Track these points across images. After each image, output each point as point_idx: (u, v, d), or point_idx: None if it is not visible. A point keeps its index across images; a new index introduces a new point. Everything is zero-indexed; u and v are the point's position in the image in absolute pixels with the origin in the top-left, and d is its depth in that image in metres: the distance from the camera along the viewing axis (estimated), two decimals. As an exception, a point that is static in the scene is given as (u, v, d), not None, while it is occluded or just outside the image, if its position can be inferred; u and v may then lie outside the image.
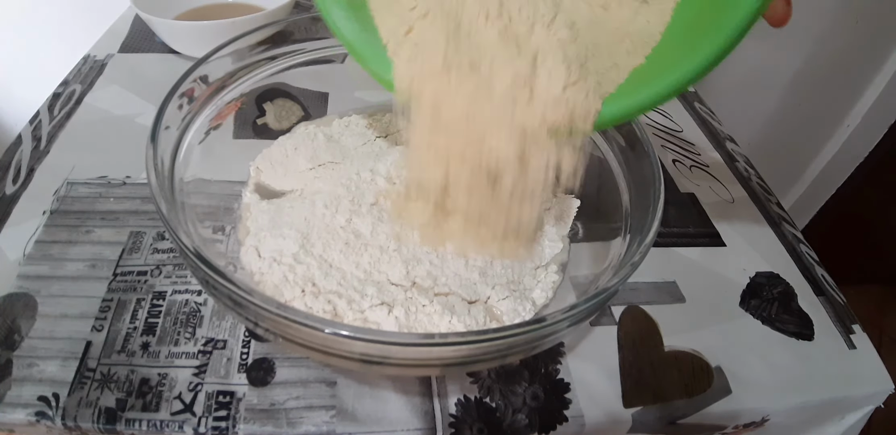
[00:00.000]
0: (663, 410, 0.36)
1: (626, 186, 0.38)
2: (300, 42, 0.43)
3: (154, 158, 0.31)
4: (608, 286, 0.29)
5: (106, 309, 0.37)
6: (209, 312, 0.38)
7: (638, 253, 0.30)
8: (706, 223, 0.49)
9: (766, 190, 0.54)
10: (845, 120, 1.12)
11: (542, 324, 0.26)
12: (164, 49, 0.60)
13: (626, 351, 0.39)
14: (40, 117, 0.51)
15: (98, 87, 0.55)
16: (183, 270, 0.40)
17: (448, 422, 0.34)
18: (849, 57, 1.01)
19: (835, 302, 0.44)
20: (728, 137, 0.59)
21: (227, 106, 0.40)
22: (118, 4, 0.65)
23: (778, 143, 1.13)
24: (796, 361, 0.40)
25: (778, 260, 0.47)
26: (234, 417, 0.33)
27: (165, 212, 0.28)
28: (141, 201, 0.44)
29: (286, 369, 0.35)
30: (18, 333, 0.35)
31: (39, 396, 0.33)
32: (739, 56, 0.97)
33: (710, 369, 0.38)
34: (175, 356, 0.35)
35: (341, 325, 0.26)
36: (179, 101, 0.35)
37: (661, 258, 0.45)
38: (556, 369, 0.37)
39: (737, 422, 0.38)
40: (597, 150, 0.41)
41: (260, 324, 0.28)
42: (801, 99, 1.08)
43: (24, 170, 0.46)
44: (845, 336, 0.42)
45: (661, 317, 0.41)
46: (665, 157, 0.55)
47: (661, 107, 0.61)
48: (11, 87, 0.91)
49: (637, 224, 0.34)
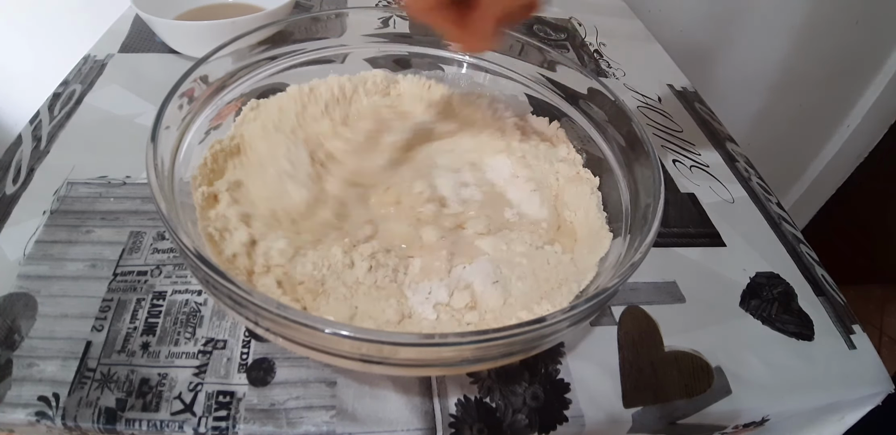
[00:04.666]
0: (663, 410, 0.36)
1: (626, 186, 0.38)
2: (300, 42, 0.43)
3: (154, 158, 0.31)
4: (608, 286, 0.29)
5: (106, 309, 0.37)
6: (209, 312, 0.38)
7: (638, 253, 0.30)
8: (706, 223, 0.49)
9: (766, 190, 0.54)
10: (845, 120, 1.12)
11: (542, 324, 0.26)
12: (164, 49, 0.60)
13: (626, 351, 0.39)
14: (40, 117, 0.51)
15: (98, 87, 0.55)
16: (183, 269, 0.40)
17: (448, 422, 0.34)
18: (849, 57, 1.01)
19: (835, 302, 0.44)
20: (728, 137, 0.59)
21: (227, 106, 0.40)
22: (118, 4, 0.65)
23: (778, 143, 1.13)
24: (796, 361, 0.40)
25: (778, 260, 0.47)
26: (234, 417, 0.33)
27: (165, 212, 0.28)
28: (141, 201, 0.44)
29: (286, 369, 0.35)
30: (18, 333, 0.35)
31: (39, 396, 0.33)
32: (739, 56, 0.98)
33: (710, 369, 0.38)
34: (175, 356, 0.35)
35: (341, 325, 0.26)
36: (179, 101, 0.35)
37: (661, 258, 0.45)
38: (556, 369, 0.37)
39: (737, 422, 0.38)
40: (597, 151, 0.41)
41: (260, 324, 0.28)
42: (801, 99, 1.08)
43: (25, 170, 0.46)
44: (845, 336, 0.42)
45: (661, 317, 0.41)
46: (665, 157, 0.55)
47: (661, 107, 0.61)
48: (11, 87, 0.91)
49: (637, 224, 0.34)
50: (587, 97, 0.42)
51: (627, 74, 0.66)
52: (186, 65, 0.36)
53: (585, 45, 0.70)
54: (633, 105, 0.61)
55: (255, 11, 0.57)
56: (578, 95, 0.42)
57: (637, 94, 0.63)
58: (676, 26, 0.91)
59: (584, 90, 0.42)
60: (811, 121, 1.12)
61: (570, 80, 0.43)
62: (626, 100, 0.53)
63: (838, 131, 1.14)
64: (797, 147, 1.18)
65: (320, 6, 0.72)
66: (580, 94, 0.42)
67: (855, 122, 1.10)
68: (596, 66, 0.66)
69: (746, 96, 1.06)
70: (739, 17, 0.93)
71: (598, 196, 0.40)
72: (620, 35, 0.73)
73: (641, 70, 0.67)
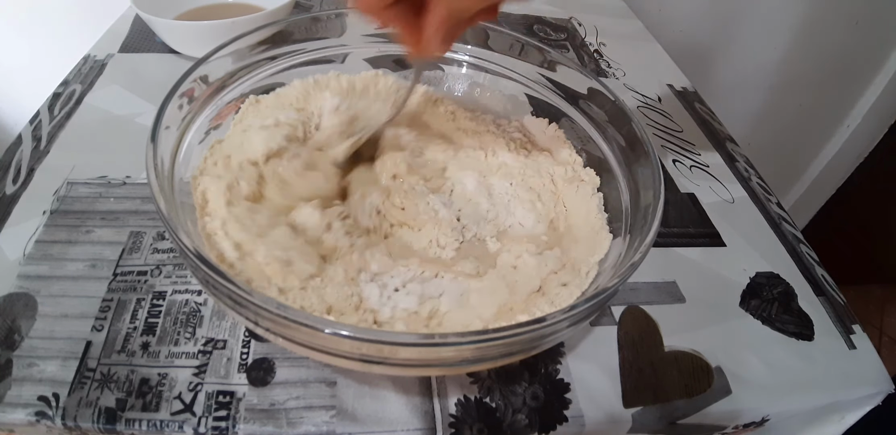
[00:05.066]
0: (663, 410, 0.36)
1: (626, 186, 0.38)
2: (300, 42, 0.43)
3: (154, 158, 0.31)
4: (608, 286, 0.29)
5: (106, 309, 0.37)
6: (209, 312, 0.38)
7: (638, 253, 0.30)
8: (706, 223, 0.49)
9: (766, 190, 0.54)
10: (845, 120, 1.12)
11: (542, 324, 0.26)
12: (164, 49, 0.60)
13: (626, 351, 0.39)
14: (40, 117, 0.51)
15: (98, 87, 0.55)
16: (183, 269, 0.40)
17: (448, 422, 0.34)
18: (849, 57, 1.01)
19: (835, 302, 0.44)
20: (728, 137, 0.59)
21: (227, 106, 0.40)
22: (118, 4, 0.65)
23: (778, 143, 1.14)
24: (796, 361, 0.40)
25: (778, 260, 0.47)
26: (234, 417, 0.33)
27: (165, 212, 0.28)
28: (141, 201, 0.44)
29: (286, 369, 0.35)
30: (18, 333, 0.35)
31: (39, 396, 0.33)
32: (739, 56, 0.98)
33: (710, 369, 0.38)
34: (175, 356, 0.35)
35: (341, 325, 0.26)
36: (179, 101, 0.35)
37: (661, 258, 0.45)
38: (556, 369, 0.37)
39: (737, 422, 0.38)
40: (597, 151, 0.41)
41: (260, 324, 0.28)
42: (801, 99, 1.08)
43: (25, 170, 0.46)
44: (845, 336, 0.42)
45: (661, 317, 0.41)
46: (665, 157, 0.55)
47: (661, 107, 0.61)
48: (11, 87, 0.91)
49: (637, 224, 0.34)
50: (587, 97, 0.42)
51: (627, 74, 0.66)
52: (186, 65, 0.36)
53: (585, 45, 0.71)
54: (633, 105, 0.61)
55: (255, 11, 0.57)
56: (578, 95, 0.42)
57: (637, 94, 0.63)
58: (676, 26, 0.92)
59: (584, 90, 0.42)
60: (811, 121, 1.12)
61: (570, 80, 0.43)
62: (626, 100, 0.53)
63: (838, 131, 1.14)
64: (797, 147, 1.18)
65: (320, 6, 0.72)
66: (580, 94, 0.42)
67: (855, 122, 1.11)
68: (596, 66, 0.66)
69: (746, 96, 1.06)
70: (739, 17, 0.93)
71: (600, 197, 0.40)
72: (620, 35, 0.73)
73: (641, 70, 0.67)
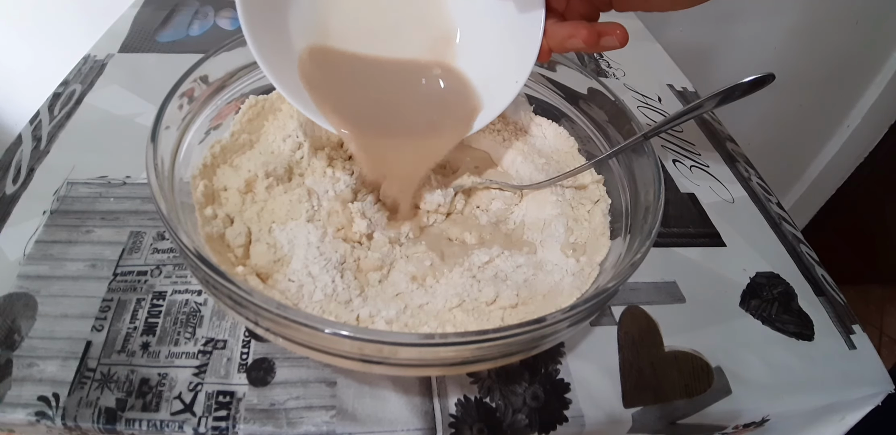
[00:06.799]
0: (663, 410, 0.36)
1: (626, 186, 0.38)
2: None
3: (154, 158, 0.31)
4: (608, 286, 0.29)
5: (106, 309, 0.37)
6: (209, 312, 0.38)
7: (638, 253, 0.30)
8: (706, 223, 0.49)
9: (766, 190, 0.54)
10: (845, 120, 1.12)
11: (541, 324, 0.26)
12: (164, 49, 0.60)
13: (626, 351, 0.39)
14: (40, 117, 0.51)
15: (98, 87, 0.55)
16: (183, 269, 0.40)
17: (448, 422, 0.34)
18: (849, 57, 1.01)
19: (835, 302, 0.44)
20: (728, 137, 0.59)
21: (227, 106, 0.40)
22: (118, 4, 0.65)
23: (778, 143, 1.13)
24: (796, 361, 0.40)
25: (778, 260, 0.47)
26: (234, 417, 0.33)
27: (165, 212, 0.28)
28: (141, 201, 0.44)
29: (286, 369, 0.35)
30: (18, 333, 0.35)
31: (39, 396, 0.33)
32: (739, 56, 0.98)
33: (710, 369, 0.38)
34: (175, 356, 0.35)
35: (341, 325, 0.26)
36: (179, 101, 0.35)
37: (661, 258, 0.45)
38: (556, 369, 0.37)
39: (737, 422, 0.38)
40: (597, 151, 0.41)
41: (260, 324, 0.28)
42: (801, 99, 1.08)
43: (25, 170, 0.46)
44: (845, 336, 0.42)
45: (661, 317, 0.41)
46: (665, 157, 0.55)
47: (662, 107, 0.61)
48: (11, 86, 0.91)
49: (637, 224, 0.34)
50: (587, 97, 0.42)
51: (627, 74, 0.66)
52: (186, 65, 0.36)
53: (585, 45, 0.70)
54: (633, 105, 0.61)
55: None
56: (578, 95, 0.42)
57: (637, 94, 0.63)
58: (676, 26, 0.91)
59: (584, 90, 0.42)
60: (811, 121, 1.12)
61: (570, 80, 0.43)
62: (626, 100, 0.53)
63: (838, 131, 1.14)
64: (797, 147, 1.17)
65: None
66: (580, 94, 0.42)
67: (855, 123, 1.10)
68: (596, 66, 0.66)
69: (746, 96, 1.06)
70: (739, 17, 0.93)
71: (608, 202, 0.40)
72: (620, 35, 0.73)
73: (641, 70, 0.67)
